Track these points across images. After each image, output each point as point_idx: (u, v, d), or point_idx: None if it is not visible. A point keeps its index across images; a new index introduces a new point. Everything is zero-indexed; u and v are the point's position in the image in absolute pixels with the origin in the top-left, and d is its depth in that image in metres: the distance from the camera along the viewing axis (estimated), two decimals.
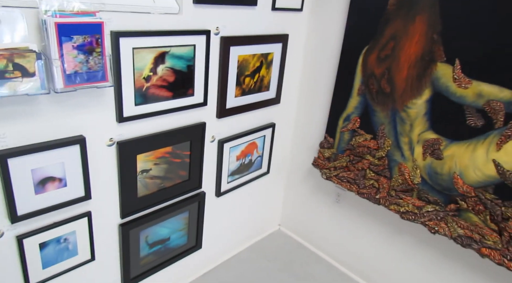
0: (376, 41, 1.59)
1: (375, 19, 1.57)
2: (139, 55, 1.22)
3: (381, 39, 1.58)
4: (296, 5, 1.73)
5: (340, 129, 1.83)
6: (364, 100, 1.70)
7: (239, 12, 1.49)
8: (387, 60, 1.58)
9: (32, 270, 1.23)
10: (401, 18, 1.49)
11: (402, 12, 1.49)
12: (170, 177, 1.52)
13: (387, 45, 1.56)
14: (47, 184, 1.15)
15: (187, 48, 1.35)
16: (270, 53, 1.71)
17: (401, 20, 1.50)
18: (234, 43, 1.51)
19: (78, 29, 0.98)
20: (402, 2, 1.48)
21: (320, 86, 1.90)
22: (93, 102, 1.18)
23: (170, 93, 1.37)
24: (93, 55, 1.04)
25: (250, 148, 1.86)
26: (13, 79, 0.92)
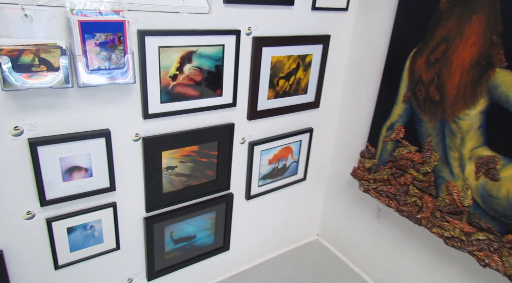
0: (426, 43, 1.43)
1: (425, 19, 1.41)
2: (165, 54, 1.24)
3: (431, 41, 1.41)
4: (341, 4, 1.63)
5: (382, 138, 1.68)
6: (410, 108, 1.54)
7: (273, 12, 1.45)
8: (437, 64, 1.40)
9: (60, 251, 1.32)
10: (455, 18, 1.32)
11: (457, 10, 1.31)
12: (196, 175, 1.53)
13: (438, 48, 1.39)
14: (74, 173, 1.22)
15: (215, 48, 1.34)
16: (308, 55, 1.63)
17: (455, 19, 1.32)
18: (267, 44, 1.46)
19: (100, 27, 1.03)
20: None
21: (363, 91, 1.77)
22: (120, 98, 1.22)
23: (197, 92, 1.37)
24: (116, 53, 1.08)
25: (284, 152, 1.80)
26: (39, 73, 0.99)
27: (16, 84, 0.97)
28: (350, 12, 1.69)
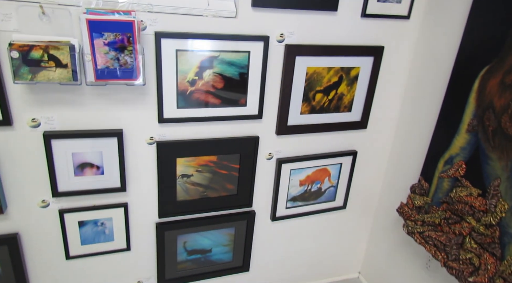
0: (502, 60, 1.12)
1: (503, 30, 1.11)
2: (183, 57, 1.19)
3: (509, 57, 1.10)
4: (401, 11, 1.39)
5: (439, 173, 1.38)
6: (475, 140, 1.23)
7: (312, 18, 1.29)
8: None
9: (72, 243, 1.35)
10: None
11: None
12: (214, 187, 1.44)
13: None
14: (85, 169, 1.24)
15: (240, 54, 1.25)
16: (354, 68, 1.43)
17: None
18: (301, 53, 1.31)
19: (109, 26, 1.01)
20: None
21: (420, 114, 1.48)
22: (135, 99, 1.21)
23: (218, 100, 1.29)
24: (125, 53, 1.06)
25: (320, 174, 1.60)
26: (47, 68, 1.01)
27: (26, 78, 1.00)
28: (412, 20, 1.43)
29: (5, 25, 1.00)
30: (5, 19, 0.99)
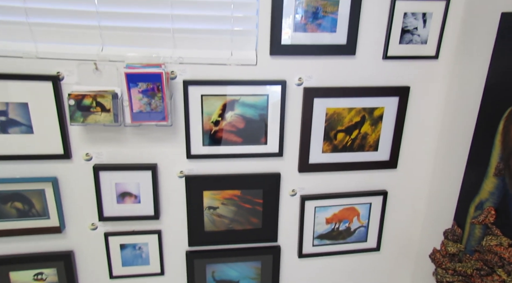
0: None
1: None
2: (208, 101, 1.34)
3: None
4: (428, 52, 1.39)
5: (470, 219, 1.29)
6: (503, 185, 1.14)
7: (330, 62, 1.37)
8: None
9: (115, 264, 1.54)
10: None
11: None
12: (239, 220, 1.53)
13: None
14: (125, 197, 1.44)
15: (259, 98, 1.36)
16: (377, 108, 1.44)
17: None
18: (320, 95, 1.38)
19: (142, 78, 1.22)
20: None
21: (452, 156, 1.41)
22: (167, 137, 1.38)
23: (240, 139, 1.41)
24: (155, 99, 1.25)
25: (347, 213, 1.59)
26: (95, 113, 1.24)
27: (79, 121, 1.24)
28: (441, 60, 1.41)
29: (69, 79, 1.26)
30: (69, 74, 1.26)
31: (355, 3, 1.28)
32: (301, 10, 1.28)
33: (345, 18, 1.30)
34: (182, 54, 1.30)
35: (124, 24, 1.26)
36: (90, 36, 1.25)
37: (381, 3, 1.31)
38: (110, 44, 1.27)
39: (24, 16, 1.20)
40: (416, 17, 1.33)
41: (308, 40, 1.32)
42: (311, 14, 1.29)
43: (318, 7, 1.29)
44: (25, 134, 1.29)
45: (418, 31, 1.35)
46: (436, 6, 1.32)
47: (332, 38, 1.33)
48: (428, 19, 1.33)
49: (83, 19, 1.23)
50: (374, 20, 1.33)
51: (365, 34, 1.34)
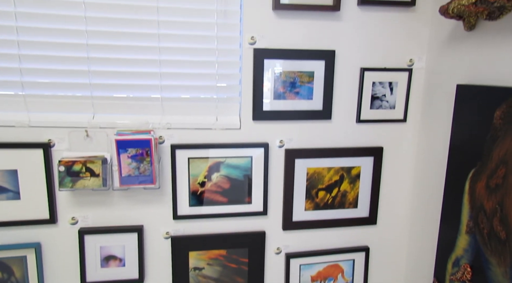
0: (484, 164, 1.16)
1: (480, 135, 1.17)
2: (194, 163, 1.41)
3: (489, 162, 1.14)
4: (397, 116, 1.52)
5: (449, 276, 1.34)
6: (475, 242, 1.21)
7: (309, 126, 1.47)
8: (498, 191, 1.11)
9: None
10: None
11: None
12: (225, 280, 1.52)
13: (497, 171, 1.11)
14: (110, 261, 1.43)
15: (243, 159, 1.44)
16: (354, 167, 1.53)
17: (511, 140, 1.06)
18: (300, 155, 1.47)
19: (132, 144, 1.28)
20: (511, 115, 1.06)
21: (427, 213, 1.49)
22: (154, 199, 1.42)
23: (225, 199, 1.45)
24: (144, 163, 1.30)
25: (332, 270, 1.61)
26: (84, 178, 1.28)
27: (68, 186, 1.27)
28: (409, 123, 1.54)
29: (59, 146, 1.31)
30: (60, 142, 1.31)
31: (328, 75, 1.42)
32: (280, 80, 1.40)
33: (320, 87, 1.43)
34: (170, 120, 1.38)
35: (116, 94, 1.34)
36: (83, 105, 1.33)
37: (351, 74, 1.45)
38: (102, 112, 1.35)
39: (20, 89, 1.27)
40: (384, 85, 1.47)
41: (287, 106, 1.43)
42: (289, 84, 1.41)
43: (295, 78, 1.41)
44: (11, 200, 1.30)
45: (387, 98, 1.48)
46: (400, 76, 1.47)
47: (309, 105, 1.44)
48: (394, 87, 1.48)
49: (76, 90, 1.31)
50: (346, 88, 1.46)
51: (339, 100, 1.47)
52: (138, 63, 1.33)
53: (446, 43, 1.36)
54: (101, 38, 1.29)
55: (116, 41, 1.30)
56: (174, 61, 1.35)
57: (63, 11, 1.25)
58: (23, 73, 1.26)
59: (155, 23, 1.31)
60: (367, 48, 1.44)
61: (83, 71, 1.30)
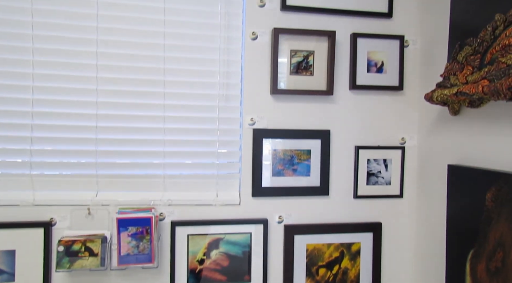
0: (482, 245, 1.17)
1: (475, 215, 1.20)
2: (194, 240, 1.41)
3: (486, 244, 1.15)
4: (393, 192, 1.55)
5: None
6: None
7: (307, 202, 1.50)
8: (499, 275, 1.10)
9: None
10: (505, 220, 1.08)
11: (505, 212, 1.08)
12: None
13: (496, 255, 1.11)
14: None
15: (243, 235, 1.44)
16: (354, 243, 1.52)
17: (505, 222, 1.08)
18: (299, 231, 1.48)
19: (133, 222, 1.30)
20: (502, 198, 1.09)
21: None
22: (152, 278, 1.40)
23: (224, 277, 1.43)
24: (143, 241, 1.31)
25: None
26: (83, 258, 1.27)
27: (65, 267, 1.26)
28: (405, 199, 1.57)
29: (61, 224, 1.33)
30: (62, 220, 1.33)
31: (324, 153, 1.48)
32: (278, 158, 1.46)
33: (317, 164, 1.48)
34: (171, 196, 1.42)
35: (120, 172, 1.39)
36: (87, 183, 1.37)
37: (346, 151, 1.51)
38: (105, 190, 1.39)
39: (29, 169, 1.33)
40: (378, 162, 1.52)
41: (286, 183, 1.47)
42: (287, 161, 1.47)
43: (293, 156, 1.47)
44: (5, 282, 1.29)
45: (382, 174, 1.53)
46: (393, 154, 1.53)
47: (307, 181, 1.49)
48: (389, 164, 1.53)
49: (83, 169, 1.36)
50: (342, 165, 1.51)
51: (336, 177, 1.51)
52: (144, 143, 1.40)
53: (435, 125, 1.44)
54: (110, 120, 1.37)
55: (124, 123, 1.38)
56: (178, 141, 1.42)
57: (75, 97, 1.35)
58: (33, 154, 1.32)
59: (161, 107, 1.41)
60: (360, 127, 1.52)
61: (90, 151, 1.36)
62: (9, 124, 1.31)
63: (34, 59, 1.32)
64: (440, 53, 1.41)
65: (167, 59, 1.40)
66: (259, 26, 1.44)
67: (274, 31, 1.41)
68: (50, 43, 1.33)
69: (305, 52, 1.45)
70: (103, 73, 1.36)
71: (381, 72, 1.49)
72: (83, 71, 1.35)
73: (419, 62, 1.54)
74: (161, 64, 1.40)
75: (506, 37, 1.05)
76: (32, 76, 1.32)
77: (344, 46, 1.49)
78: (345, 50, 1.49)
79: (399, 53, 1.49)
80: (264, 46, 1.44)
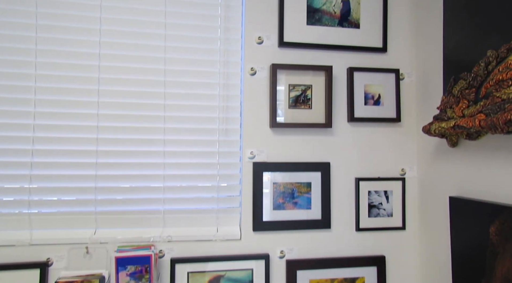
0: (489, 281, 1.15)
1: (480, 249, 1.18)
2: (194, 278, 1.37)
3: (493, 280, 1.13)
4: (395, 224, 1.54)
5: None
6: None
7: (309, 235, 1.48)
8: None
9: None
10: (511, 256, 1.06)
11: (510, 247, 1.07)
12: None
13: None
14: None
15: (244, 272, 1.41)
16: (358, 278, 1.49)
17: (511, 258, 1.06)
18: (302, 267, 1.44)
19: (132, 261, 1.27)
20: (507, 232, 1.08)
21: None
22: None
23: None
24: (142, 281, 1.27)
25: None
26: None
27: None
28: (408, 231, 1.55)
29: (58, 264, 1.30)
30: (59, 260, 1.30)
31: (325, 185, 1.48)
32: (279, 191, 1.45)
33: (317, 197, 1.47)
34: (171, 232, 1.40)
35: (119, 208, 1.38)
36: (86, 221, 1.35)
37: (347, 183, 1.51)
38: (104, 227, 1.37)
39: (27, 207, 1.31)
40: (379, 194, 1.52)
41: (287, 216, 1.45)
42: (288, 194, 1.46)
43: (294, 189, 1.47)
44: None
45: (383, 206, 1.52)
46: (394, 185, 1.53)
47: (308, 214, 1.47)
48: (390, 195, 1.52)
49: (82, 207, 1.35)
50: (343, 197, 1.51)
51: (337, 209, 1.50)
52: (144, 178, 1.39)
53: (434, 156, 1.45)
54: (110, 157, 1.37)
55: (124, 159, 1.38)
56: (178, 175, 1.42)
57: (77, 134, 1.36)
58: (32, 192, 1.31)
59: (161, 142, 1.41)
60: (360, 159, 1.52)
61: (89, 188, 1.35)
62: (8, 162, 1.31)
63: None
64: (435, 85, 1.44)
65: (168, 95, 1.42)
66: (258, 62, 1.47)
67: (272, 66, 1.44)
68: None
69: (303, 86, 1.48)
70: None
71: (378, 104, 1.51)
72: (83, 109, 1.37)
73: (415, 94, 1.56)
74: (161, 100, 1.42)
75: (500, 73, 1.07)
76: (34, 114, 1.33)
77: (341, 79, 1.52)
78: (342, 83, 1.52)
79: (395, 86, 1.52)
80: (263, 81, 1.47)
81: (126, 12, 1.40)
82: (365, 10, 1.52)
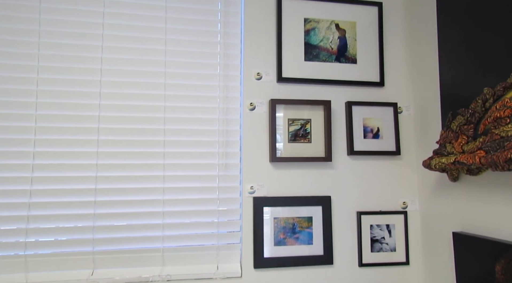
0: None
1: (487, 275, 1.15)
2: None
3: None
4: (399, 259, 1.50)
5: None
6: None
7: (310, 272, 1.44)
8: None
9: None
10: None
11: None
12: None
13: None
14: None
15: None
16: None
17: None
18: None
19: None
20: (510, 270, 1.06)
21: None
22: None
23: None
24: None
25: None
26: None
27: None
28: (412, 266, 1.52)
29: None
30: None
31: (326, 219, 1.46)
32: (279, 226, 1.43)
33: (319, 232, 1.45)
34: (170, 271, 1.36)
35: (118, 247, 1.35)
36: (83, 261, 1.32)
37: (348, 217, 1.49)
38: (101, 267, 1.33)
39: (23, 249, 1.29)
40: (381, 228, 1.50)
41: (288, 252, 1.43)
42: (289, 229, 1.44)
43: (295, 224, 1.45)
44: None
45: (386, 240, 1.50)
46: (396, 218, 1.51)
47: (310, 250, 1.44)
48: (392, 229, 1.50)
49: (79, 246, 1.32)
50: (345, 232, 1.48)
51: (339, 244, 1.47)
52: (143, 216, 1.38)
53: (435, 190, 1.44)
54: (110, 195, 1.36)
55: (122, 197, 1.37)
56: (177, 212, 1.40)
57: (75, 173, 1.35)
58: (29, 234, 1.29)
59: (160, 178, 1.40)
60: (361, 192, 1.51)
61: (87, 228, 1.33)
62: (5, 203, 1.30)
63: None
64: (433, 119, 1.45)
65: (168, 131, 1.43)
66: (257, 97, 1.48)
67: (271, 102, 1.45)
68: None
69: (302, 121, 1.49)
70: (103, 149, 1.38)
71: (377, 137, 1.52)
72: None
73: (414, 127, 1.57)
74: (161, 136, 1.42)
75: (497, 110, 1.08)
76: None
77: (339, 113, 1.53)
78: (341, 117, 1.53)
79: (393, 119, 1.53)
80: (262, 115, 1.48)
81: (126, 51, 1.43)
82: (361, 46, 1.55)
